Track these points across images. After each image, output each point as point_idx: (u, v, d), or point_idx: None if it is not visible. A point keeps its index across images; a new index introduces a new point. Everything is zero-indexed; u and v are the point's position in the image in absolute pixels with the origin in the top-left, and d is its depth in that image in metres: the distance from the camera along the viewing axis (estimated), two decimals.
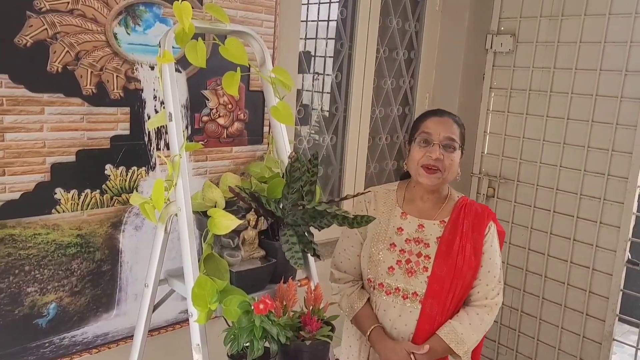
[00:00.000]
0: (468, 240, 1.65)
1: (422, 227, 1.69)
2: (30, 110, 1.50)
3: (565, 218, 2.73)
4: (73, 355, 1.71)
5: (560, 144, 2.72)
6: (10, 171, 1.49)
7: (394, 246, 1.68)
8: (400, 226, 1.70)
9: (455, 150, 1.65)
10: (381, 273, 1.67)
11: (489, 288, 1.67)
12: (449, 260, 1.63)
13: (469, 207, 1.71)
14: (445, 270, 1.63)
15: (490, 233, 1.69)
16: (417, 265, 1.65)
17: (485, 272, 1.67)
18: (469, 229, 1.67)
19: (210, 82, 1.85)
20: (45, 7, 1.47)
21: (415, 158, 1.66)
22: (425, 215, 1.71)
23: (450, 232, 1.67)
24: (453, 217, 1.69)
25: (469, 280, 1.66)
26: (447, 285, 1.63)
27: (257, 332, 1.26)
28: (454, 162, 1.65)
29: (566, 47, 2.67)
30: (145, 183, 1.76)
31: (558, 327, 2.80)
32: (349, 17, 2.56)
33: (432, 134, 1.63)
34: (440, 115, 1.70)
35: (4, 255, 1.52)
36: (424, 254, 1.66)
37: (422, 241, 1.67)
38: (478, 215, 1.69)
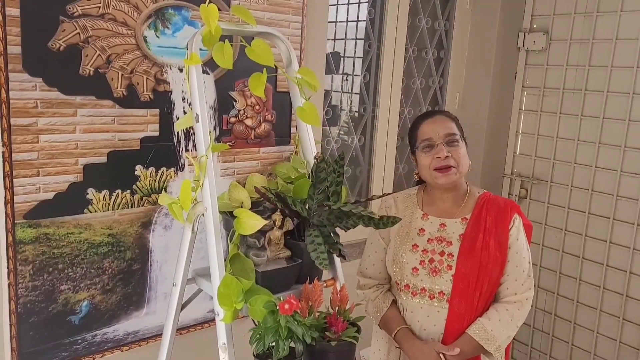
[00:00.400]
0: (492, 236, 1.63)
1: (444, 226, 1.68)
2: (63, 112, 1.54)
3: (601, 220, 2.66)
4: (104, 352, 1.75)
5: (595, 143, 2.65)
6: (45, 172, 1.54)
7: (416, 247, 1.67)
8: (422, 227, 1.69)
9: (459, 143, 1.64)
10: (406, 274, 1.67)
11: (517, 283, 1.64)
12: (473, 257, 1.62)
13: (492, 202, 1.68)
14: (470, 267, 1.61)
15: (515, 226, 1.66)
16: (441, 264, 1.64)
17: (513, 267, 1.65)
18: (492, 225, 1.65)
19: (238, 83, 1.87)
20: (78, 11, 1.51)
21: (425, 165, 1.65)
22: (446, 214, 1.70)
23: (472, 229, 1.65)
24: (475, 213, 1.67)
25: (496, 277, 1.63)
26: (472, 282, 1.61)
27: (282, 332, 1.27)
28: (462, 155, 1.64)
29: (602, 44, 2.60)
30: (174, 183, 1.78)
31: (593, 332, 2.73)
32: (377, 17, 2.55)
33: (431, 137, 1.63)
34: (431, 116, 1.69)
35: (39, 254, 1.56)
36: (447, 252, 1.65)
37: (444, 240, 1.66)
38: (501, 210, 1.67)
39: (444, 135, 1.62)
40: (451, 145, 1.62)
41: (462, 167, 1.64)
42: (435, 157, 1.62)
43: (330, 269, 1.53)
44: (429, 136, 1.64)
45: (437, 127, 1.64)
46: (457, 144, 1.63)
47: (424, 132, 1.66)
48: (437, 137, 1.62)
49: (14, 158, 1.48)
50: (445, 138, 1.62)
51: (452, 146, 1.62)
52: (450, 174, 1.62)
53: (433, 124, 1.65)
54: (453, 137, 1.63)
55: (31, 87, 1.47)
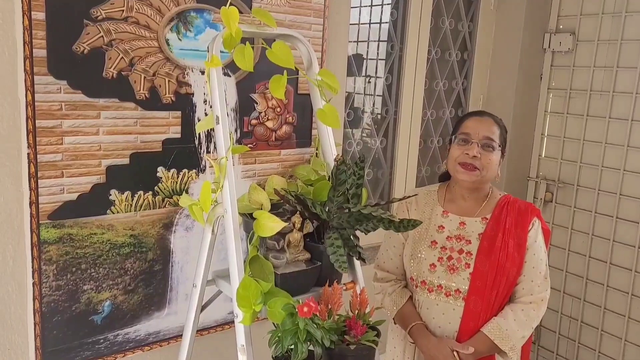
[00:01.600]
0: (511, 237, 1.64)
1: (464, 225, 1.68)
2: (87, 114, 1.56)
3: (629, 225, 2.59)
4: (126, 351, 1.76)
5: (623, 146, 2.59)
6: (69, 173, 1.56)
7: (435, 244, 1.68)
8: (442, 224, 1.70)
9: (493, 150, 1.64)
10: (423, 270, 1.67)
11: (533, 284, 1.65)
12: (491, 256, 1.62)
13: (512, 204, 1.69)
14: (488, 266, 1.61)
15: (534, 229, 1.67)
16: (459, 262, 1.65)
17: (530, 268, 1.65)
18: (512, 226, 1.65)
19: (259, 85, 1.87)
20: (102, 15, 1.53)
21: (453, 156, 1.67)
22: (466, 213, 1.70)
23: (492, 228, 1.65)
24: (495, 213, 1.68)
25: (513, 277, 1.63)
26: (489, 281, 1.61)
27: (301, 335, 1.26)
28: (492, 162, 1.64)
29: (630, 45, 2.54)
30: (196, 185, 1.79)
31: (621, 340, 2.66)
32: (399, 19, 2.54)
33: (470, 133, 1.64)
34: (481, 115, 1.71)
35: (63, 254, 1.58)
36: (466, 251, 1.65)
37: (463, 238, 1.67)
38: (521, 212, 1.68)
39: (483, 136, 1.64)
40: (485, 149, 1.63)
41: (486, 173, 1.64)
42: (464, 152, 1.63)
43: (350, 272, 1.52)
44: (468, 131, 1.65)
45: (479, 127, 1.65)
46: (491, 149, 1.64)
47: (466, 126, 1.67)
48: (476, 135, 1.64)
49: (39, 159, 1.50)
50: (482, 139, 1.63)
51: (485, 150, 1.63)
52: (472, 174, 1.63)
53: (479, 122, 1.67)
54: (490, 141, 1.64)
55: (56, 89, 1.49)
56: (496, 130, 1.66)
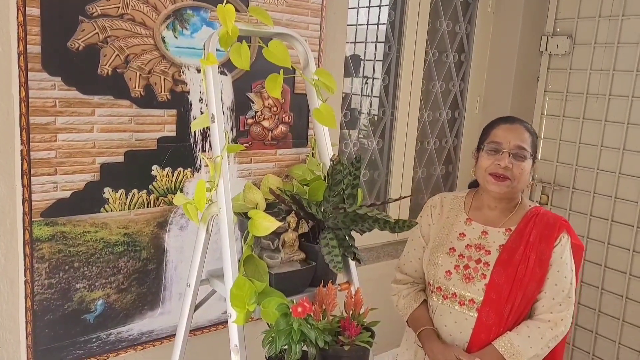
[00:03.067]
0: (533, 250, 1.58)
1: (486, 234, 1.64)
2: (81, 111, 1.55)
3: (624, 228, 2.60)
4: (119, 351, 1.75)
5: (619, 149, 2.59)
6: (62, 170, 1.55)
7: (453, 250, 1.65)
8: (463, 232, 1.66)
9: (525, 159, 1.58)
10: (439, 276, 1.65)
11: (555, 302, 1.57)
12: (509, 268, 1.57)
13: (541, 217, 1.62)
14: (505, 279, 1.56)
15: (560, 244, 1.59)
16: (475, 272, 1.60)
17: (552, 285, 1.58)
18: (536, 239, 1.59)
19: (255, 84, 1.87)
20: (97, 12, 1.52)
21: (483, 166, 1.61)
22: (491, 223, 1.66)
23: (514, 241, 1.60)
24: (520, 225, 1.62)
25: (531, 293, 1.58)
26: (505, 294, 1.56)
27: (295, 336, 1.26)
28: (524, 172, 1.58)
29: (627, 49, 2.54)
30: (191, 184, 1.78)
31: (615, 343, 2.66)
32: (397, 20, 2.53)
33: (501, 143, 1.59)
34: (511, 122, 1.64)
35: (55, 252, 1.57)
36: (484, 261, 1.61)
37: (483, 248, 1.63)
38: (549, 226, 1.61)
39: (514, 145, 1.58)
40: (517, 159, 1.58)
41: (518, 183, 1.60)
42: (495, 162, 1.58)
43: (345, 273, 1.51)
44: (499, 140, 1.60)
45: (511, 135, 1.59)
46: (523, 159, 1.58)
47: (496, 135, 1.61)
48: (507, 144, 1.58)
49: (32, 156, 1.49)
50: (514, 149, 1.58)
51: (517, 159, 1.58)
52: (503, 185, 1.58)
53: (509, 130, 1.61)
54: (522, 151, 1.58)
55: (50, 86, 1.48)
56: (527, 137, 1.60)
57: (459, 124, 2.93)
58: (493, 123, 1.67)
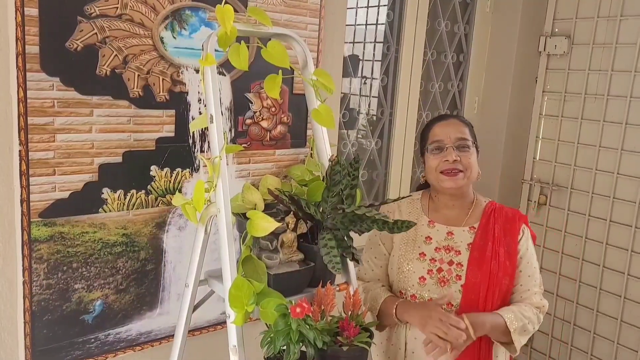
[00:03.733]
0: (501, 245, 1.60)
1: (452, 235, 1.64)
2: (79, 112, 1.55)
3: (622, 228, 2.60)
4: (117, 351, 1.75)
5: (617, 150, 2.59)
6: (60, 171, 1.54)
7: (423, 255, 1.63)
8: (429, 235, 1.65)
9: (469, 149, 1.61)
10: (412, 284, 1.62)
11: (531, 293, 1.62)
12: (483, 266, 1.58)
13: (499, 212, 1.66)
14: (480, 278, 1.57)
15: (524, 237, 1.64)
16: (450, 274, 1.60)
17: (526, 277, 1.62)
18: (500, 234, 1.62)
19: (254, 85, 1.87)
20: (95, 12, 1.52)
21: (432, 166, 1.63)
22: (453, 222, 1.66)
23: (481, 238, 1.62)
24: (483, 222, 1.64)
25: (506, 287, 1.60)
26: (483, 293, 1.57)
27: (293, 336, 1.25)
28: (472, 161, 1.61)
29: (625, 49, 2.55)
30: (189, 184, 1.78)
31: (614, 342, 2.67)
32: (396, 20, 2.53)
33: (443, 140, 1.61)
34: (446, 119, 1.68)
35: (54, 252, 1.57)
36: (456, 262, 1.61)
37: (452, 249, 1.62)
38: (509, 219, 1.65)
39: (455, 139, 1.60)
40: (461, 150, 1.60)
41: (470, 173, 1.61)
42: (443, 160, 1.60)
43: (344, 273, 1.51)
44: (439, 138, 1.62)
45: (449, 130, 1.62)
46: (467, 149, 1.61)
47: (435, 134, 1.63)
48: (448, 140, 1.60)
49: (31, 157, 1.49)
50: (456, 142, 1.60)
51: (462, 151, 1.60)
52: (458, 179, 1.59)
53: (446, 126, 1.63)
54: (464, 142, 1.61)
55: (48, 86, 1.48)
56: (465, 129, 1.63)
57: None
58: (428, 125, 1.69)
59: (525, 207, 2.96)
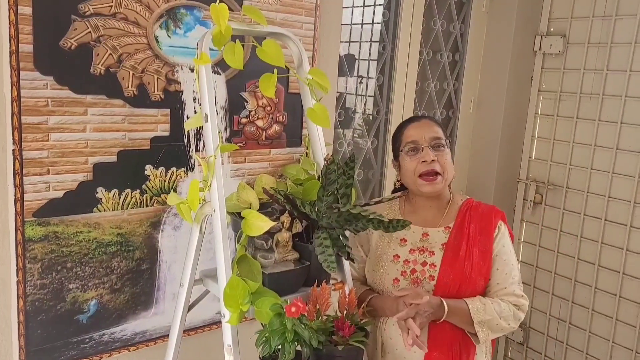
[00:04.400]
0: (475, 245, 1.59)
1: (427, 236, 1.63)
2: (74, 111, 1.54)
3: (617, 227, 2.61)
4: (112, 351, 1.74)
5: (613, 149, 2.60)
6: (55, 170, 1.54)
7: (397, 257, 1.63)
8: (404, 237, 1.64)
9: (445, 148, 1.61)
10: (387, 286, 1.62)
11: (508, 290, 1.59)
12: (456, 266, 1.57)
13: (475, 210, 1.65)
14: (452, 277, 1.56)
15: (500, 233, 1.62)
16: (423, 275, 1.59)
17: (502, 275, 1.60)
18: (475, 233, 1.60)
19: (249, 84, 1.86)
20: (90, 10, 1.51)
21: (409, 169, 1.61)
22: (429, 223, 1.65)
23: (455, 238, 1.61)
24: (458, 221, 1.63)
25: (480, 287, 1.59)
26: (453, 292, 1.55)
27: (288, 335, 1.26)
28: (447, 161, 1.61)
29: (620, 48, 2.55)
30: (184, 184, 1.78)
31: (609, 341, 2.67)
32: (391, 19, 2.53)
33: (418, 140, 1.60)
34: (418, 120, 1.68)
35: (48, 252, 1.56)
36: (429, 263, 1.60)
37: (426, 250, 1.62)
38: (484, 217, 1.63)
39: (430, 138, 1.60)
40: (437, 150, 1.60)
41: (447, 174, 1.61)
42: (421, 161, 1.58)
43: (339, 272, 1.51)
44: (414, 139, 1.61)
45: (423, 131, 1.61)
46: (443, 148, 1.61)
47: (409, 135, 1.63)
48: (423, 140, 1.60)
49: (24, 156, 1.48)
50: (431, 142, 1.59)
51: (438, 150, 1.60)
52: (436, 183, 1.59)
53: (419, 127, 1.63)
54: (439, 141, 1.61)
55: (42, 85, 1.47)
56: (438, 129, 1.63)
57: (453, 124, 2.93)
58: (400, 127, 1.69)
59: (521, 206, 2.97)
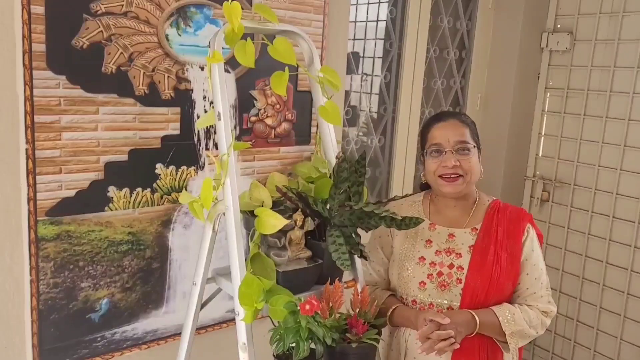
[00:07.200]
0: (504, 249, 1.55)
1: (453, 237, 1.59)
2: (85, 110, 1.54)
3: (625, 224, 2.60)
4: (124, 350, 1.75)
5: (620, 146, 2.59)
6: (67, 169, 1.54)
7: (423, 260, 1.58)
8: (429, 238, 1.60)
9: (470, 151, 1.55)
10: (412, 289, 1.57)
11: (537, 296, 1.57)
12: (484, 270, 1.53)
13: (503, 212, 1.60)
14: (480, 282, 1.52)
15: (529, 238, 1.58)
16: (450, 278, 1.55)
17: (532, 280, 1.57)
18: (504, 237, 1.56)
19: (258, 82, 1.86)
20: (101, 9, 1.52)
21: (431, 169, 1.57)
22: (455, 224, 1.61)
23: (483, 240, 1.56)
24: (485, 223, 1.59)
25: (509, 291, 1.56)
26: (481, 297, 1.52)
27: (303, 333, 1.26)
28: (472, 164, 1.55)
29: (628, 45, 2.55)
30: (194, 182, 1.78)
31: (617, 339, 2.67)
32: (398, 17, 2.53)
33: (441, 143, 1.55)
34: (445, 119, 1.60)
35: (60, 251, 1.57)
36: (457, 265, 1.55)
37: (453, 251, 1.57)
38: (513, 220, 1.59)
39: (455, 142, 1.54)
40: (461, 154, 1.54)
41: (470, 176, 1.56)
42: (442, 165, 1.54)
43: (352, 270, 1.51)
44: (438, 141, 1.55)
45: (448, 133, 1.55)
46: (467, 152, 1.54)
47: (433, 137, 1.57)
48: (447, 143, 1.54)
49: (37, 155, 1.48)
50: (455, 145, 1.54)
51: (461, 154, 1.54)
52: (457, 184, 1.54)
53: (444, 128, 1.57)
54: (464, 145, 1.54)
55: (55, 84, 1.48)
56: (465, 130, 1.57)
57: None
58: (427, 124, 1.62)
59: (528, 203, 2.96)
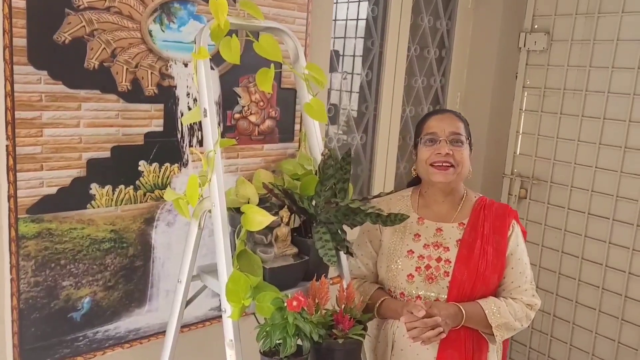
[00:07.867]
0: (490, 243, 1.60)
1: (440, 231, 1.63)
2: (67, 106, 1.52)
3: (600, 220, 2.67)
4: (106, 349, 1.73)
5: (596, 144, 2.65)
6: (48, 166, 1.52)
7: (411, 253, 1.62)
8: (417, 232, 1.64)
9: (463, 144, 1.61)
10: (400, 282, 1.61)
11: (521, 289, 1.62)
12: (470, 264, 1.58)
13: (489, 208, 1.65)
14: (467, 275, 1.57)
15: (514, 233, 1.64)
16: (438, 271, 1.59)
17: (517, 274, 1.62)
18: (490, 232, 1.61)
19: (242, 79, 1.86)
20: (83, 4, 1.49)
21: (423, 158, 1.62)
22: (442, 218, 1.65)
23: (470, 235, 1.61)
24: (472, 218, 1.64)
25: (494, 285, 1.61)
26: (467, 290, 1.56)
27: (290, 329, 1.26)
28: (464, 157, 1.61)
29: (603, 45, 2.61)
30: (178, 179, 1.77)
31: (592, 332, 2.73)
32: (379, 15, 2.55)
33: (437, 132, 1.60)
34: (442, 112, 1.69)
35: (41, 249, 1.54)
36: (444, 258, 1.60)
37: (441, 245, 1.62)
38: (499, 216, 1.64)
39: (450, 132, 1.60)
40: (454, 145, 1.59)
41: (461, 168, 1.60)
42: (435, 152, 1.59)
43: (337, 266, 1.52)
44: (434, 130, 1.61)
45: (444, 124, 1.62)
46: (460, 144, 1.60)
47: (429, 126, 1.63)
48: (442, 133, 1.60)
49: (18, 152, 1.46)
50: (450, 136, 1.59)
51: (455, 145, 1.59)
52: (448, 173, 1.59)
53: (441, 120, 1.63)
54: (458, 136, 1.60)
55: (36, 80, 1.45)
56: (460, 124, 1.63)
57: None
58: (424, 117, 1.69)
59: (506, 200, 3.01)
